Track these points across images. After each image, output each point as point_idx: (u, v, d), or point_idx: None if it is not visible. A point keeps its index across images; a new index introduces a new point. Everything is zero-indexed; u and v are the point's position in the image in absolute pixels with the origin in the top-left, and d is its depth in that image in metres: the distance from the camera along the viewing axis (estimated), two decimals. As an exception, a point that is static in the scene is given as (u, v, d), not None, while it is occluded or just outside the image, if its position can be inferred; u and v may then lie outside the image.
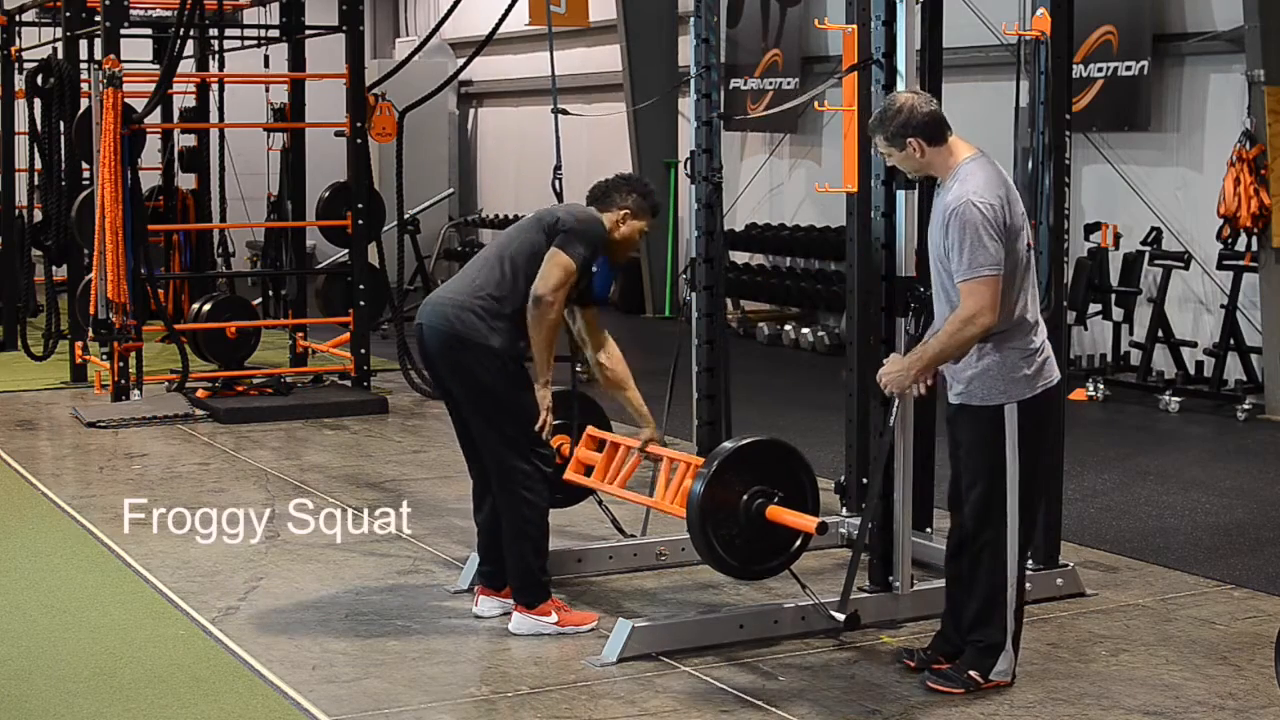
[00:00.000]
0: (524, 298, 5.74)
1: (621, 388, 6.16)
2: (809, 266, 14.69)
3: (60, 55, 12.53)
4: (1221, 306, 10.65)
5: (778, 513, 5.62)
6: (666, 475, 6.06)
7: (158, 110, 12.03)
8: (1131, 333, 11.30)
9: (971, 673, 5.27)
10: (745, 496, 5.63)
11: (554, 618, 5.85)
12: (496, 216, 19.54)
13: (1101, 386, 11.04)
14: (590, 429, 6.45)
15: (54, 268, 12.80)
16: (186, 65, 13.28)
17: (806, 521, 5.60)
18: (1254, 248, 10.43)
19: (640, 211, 6.03)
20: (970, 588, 5.35)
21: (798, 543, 5.72)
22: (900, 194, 5.83)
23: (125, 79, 10.67)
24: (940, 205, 5.22)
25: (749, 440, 5.78)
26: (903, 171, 5.45)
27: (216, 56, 13.57)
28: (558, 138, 7.25)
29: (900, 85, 5.80)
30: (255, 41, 13.17)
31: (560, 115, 7.05)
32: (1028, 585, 6.10)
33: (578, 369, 11.90)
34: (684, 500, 5.69)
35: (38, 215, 13.45)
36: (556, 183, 7.17)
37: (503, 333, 5.75)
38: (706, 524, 5.58)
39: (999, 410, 5.20)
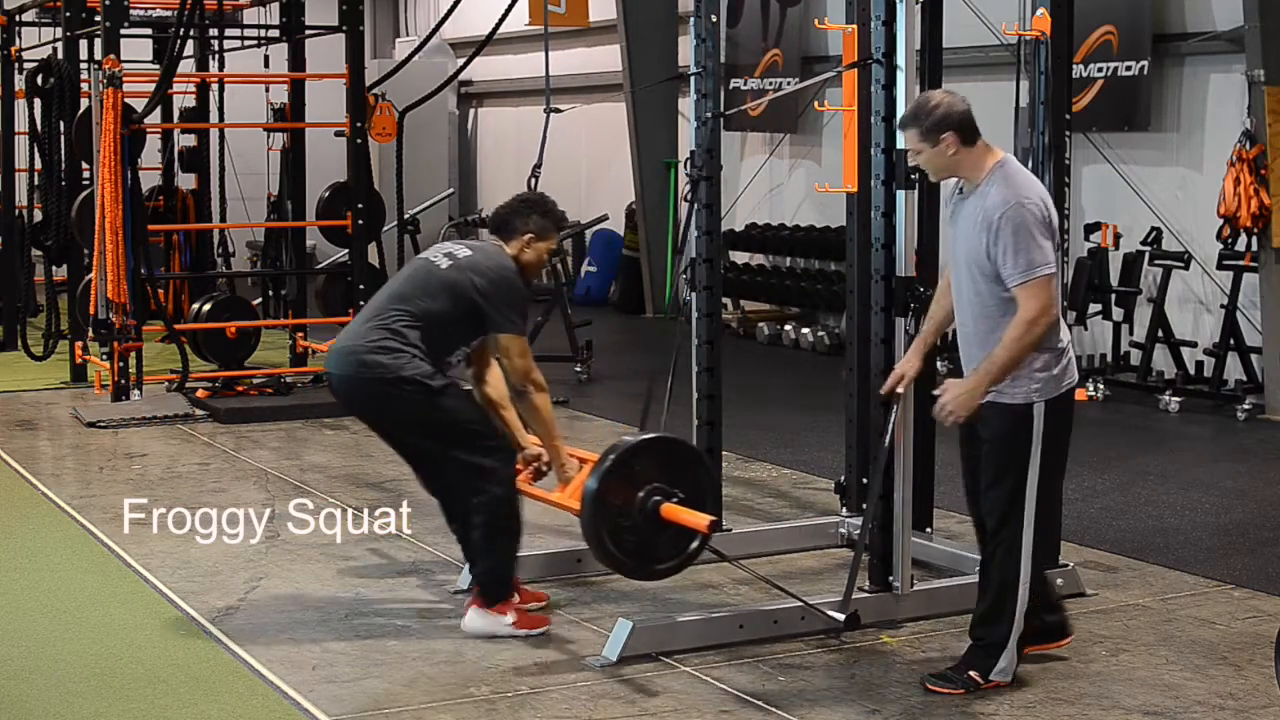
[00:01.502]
0: (437, 329, 5.74)
1: (498, 408, 6.11)
2: (809, 266, 14.69)
3: (60, 55, 12.53)
4: (1221, 306, 10.65)
5: (672, 511, 5.51)
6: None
7: (158, 110, 12.04)
8: (1131, 333, 11.29)
9: (971, 673, 5.26)
10: (641, 494, 5.52)
11: (511, 618, 5.80)
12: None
13: (1101, 386, 11.04)
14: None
15: (54, 268, 12.79)
16: (186, 65, 13.28)
17: (699, 520, 5.49)
18: (1254, 248, 10.43)
19: (544, 232, 6.01)
20: (982, 584, 5.36)
21: (694, 544, 5.60)
22: (900, 194, 5.83)
23: (125, 79, 10.66)
24: (979, 208, 5.16)
25: (648, 437, 5.72)
26: (925, 171, 5.37)
27: (216, 56, 13.57)
28: (545, 137, 7.26)
29: (900, 85, 5.80)
30: (255, 41, 13.17)
31: (561, 116, 7.05)
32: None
33: (577, 369, 11.97)
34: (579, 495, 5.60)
35: (38, 215, 13.45)
36: (533, 180, 7.16)
37: (411, 360, 5.70)
38: (599, 520, 5.49)
39: (1028, 408, 5.19)
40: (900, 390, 5.60)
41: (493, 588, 5.84)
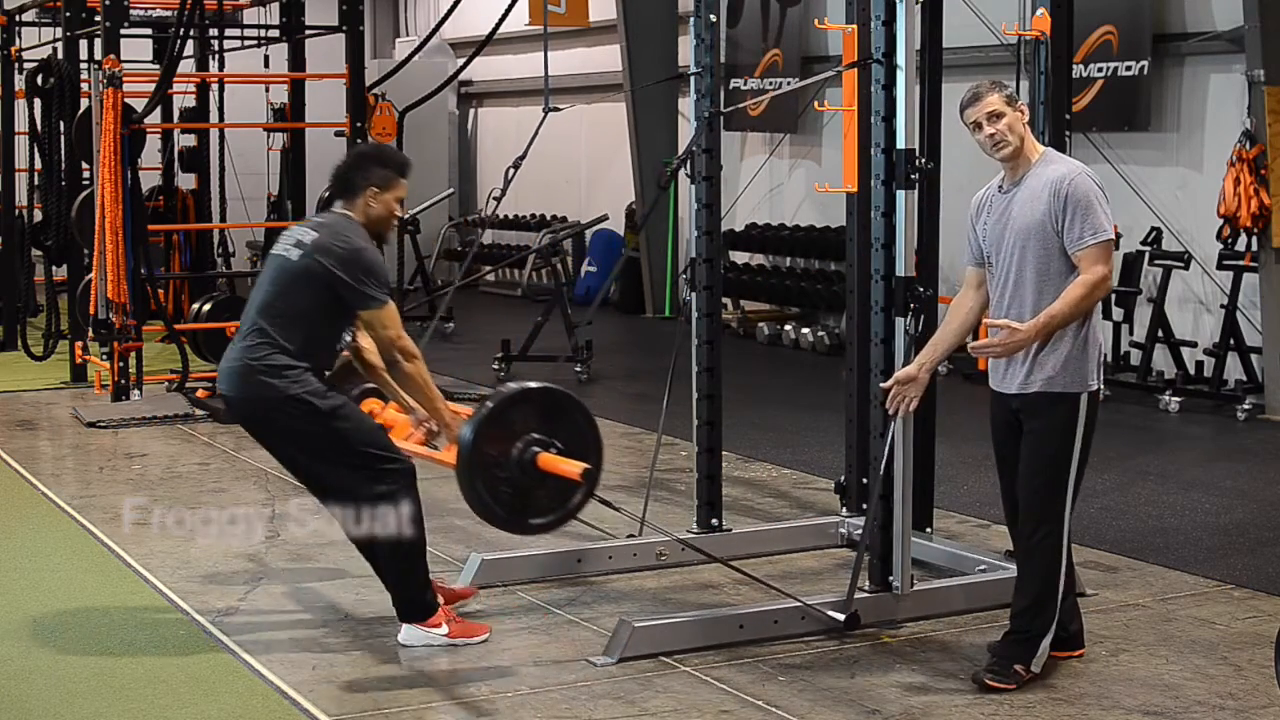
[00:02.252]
0: (311, 327, 5.57)
1: (378, 372, 5.89)
2: (809, 266, 14.69)
3: (60, 55, 12.54)
4: (1221, 306, 10.65)
5: (549, 461, 5.41)
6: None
7: (158, 110, 12.04)
8: (1131, 333, 11.30)
9: (1018, 666, 5.31)
10: (519, 444, 5.41)
11: (445, 629, 5.71)
12: (496, 216, 19.55)
13: (1101, 386, 11.02)
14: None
15: (54, 268, 12.81)
16: (186, 65, 13.29)
17: (573, 468, 5.39)
18: (1254, 248, 10.43)
19: (386, 181, 5.72)
20: (1022, 576, 5.41)
21: (577, 497, 5.49)
22: (900, 194, 5.82)
23: (125, 79, 10.67)
24: (1039, 183, 5.26)
25: (526, 386, 5.60)
26: (995, 146, 5.32)
27: (216, 56, 13.58)
28: (536, 132, 7.26)
29: (900, 85, 5.80)
30: (255, 41, 13.18)
31: (561, 116, 7.05)
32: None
33: (577, 369, 11.97)
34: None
35: (38, 215, 13.46)
36: (511, 171, 7.16)
37: (298, 376, 5.54)
38: (474, 470, 5.38)
39: (1076, 399, 5.30)
40: (904, 404, 5.57)
41: (411, 608, 5.73)
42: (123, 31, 11.03)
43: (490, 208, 19.91)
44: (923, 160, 5.88)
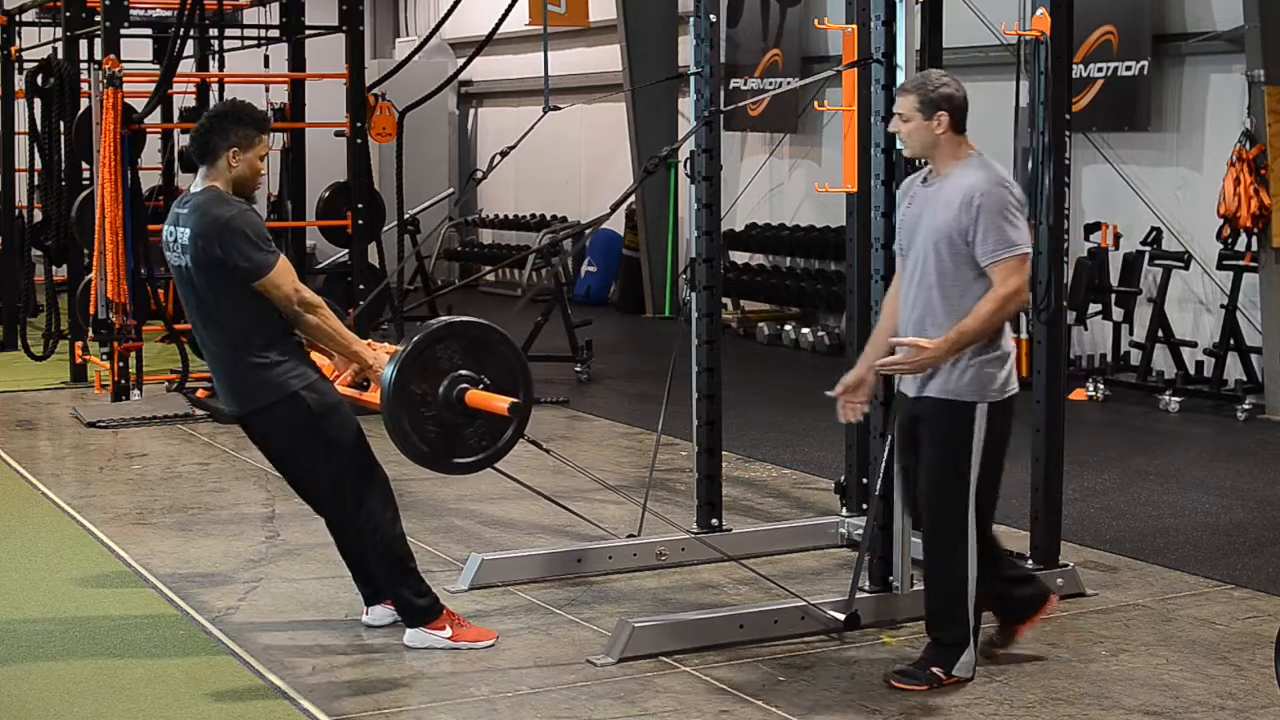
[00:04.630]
0: (268, 322, 5.47)
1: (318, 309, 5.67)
2: (809, 266, 14.69)
3: (60, 55, 12.54)
4: (1221, 306, 10.65)
5: (476, 398, 5.35)
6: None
7: (158, 110, 12.04)
8: (1131, 333, 11.30)
9: (935, 669, 5.26)
10: (445, 382, 5.36)
11: (448, 632, 5.69)
12: (496, 216, 19.54)
13: (1101, 386, 11.04)
14: None
15: (54, 268, 12.80)
16: (186, 65, 13.28)
17: (499, 404, 5.33)
18: (1254, 248, 10.43)
19: (247, 139, 5.52)
20: (929, 582, 5.36)
21: (508, 433, 5.44)
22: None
23: (125, 79, 10.67)
24: (955, 189, 5.17)
25: (450, 320, 5.54)
26: (902, 141, 5.31)
27: (216, 56, 13.58)
28: (530, 129, 7.26)
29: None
30: (255, 41, 13.18)
31: (561, 116, 7.05)
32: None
33: (577, 369, 11.97)
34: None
35: (38, 215, 13.46)
36: (498, 156, 7.18)
37: (292, 369, 5.50)
38: (399, 408, 5.32)
39: (972, 407, 5.19)
40: (855, 410, 5.52)
41: (412, 614, 5.72)
42: (123, 31, 11.03)
43: (490, 209, 19.94)
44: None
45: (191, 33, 11.96)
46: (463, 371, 5.41)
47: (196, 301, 5.57)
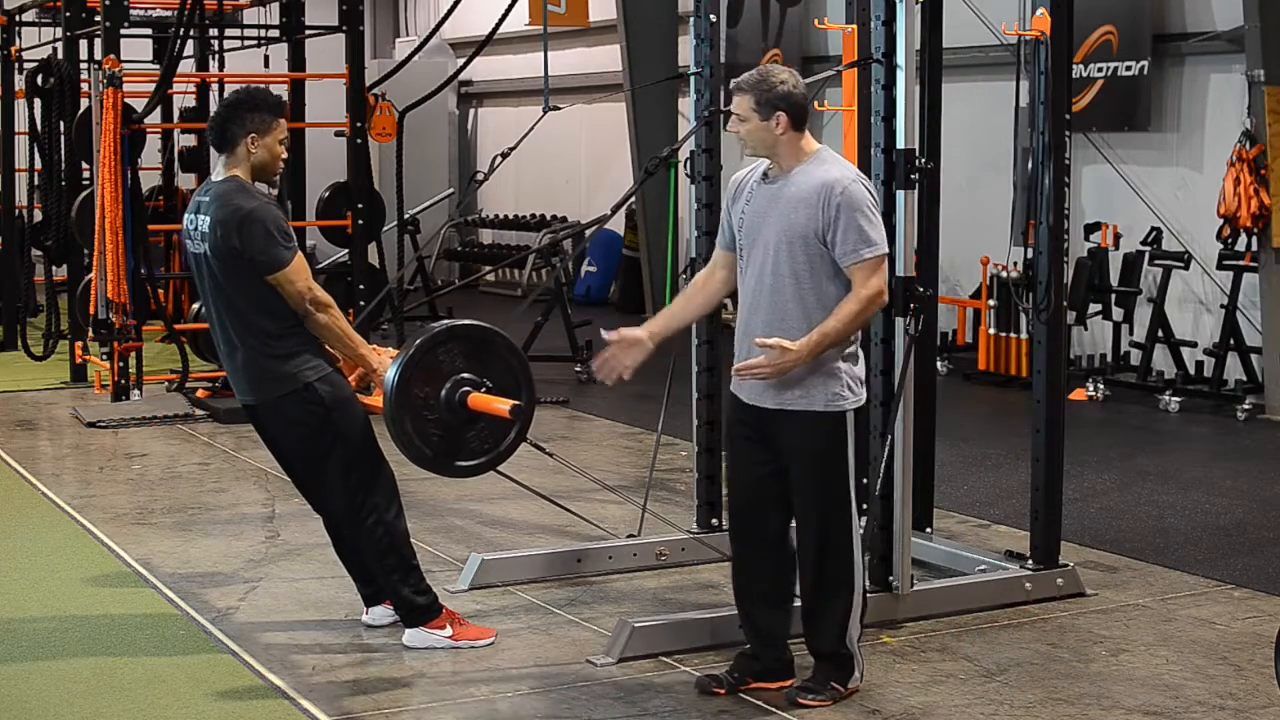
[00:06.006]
0: (284, 313, 5.46)
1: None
2: (809, 266, 14.66)
3: (60, 55, 12.54)
4: (1221, 306, 10.65)
5: (478, 400, 5.36)
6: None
7: (158, 110, 12.04)
8: (1131, 333, 11.30)
9: (834, 684, 5.16)
10: (448, 385, 5.38)
11: (448, 631, 5.69)
12: (497, 216, 19.54)
13: (1101, 386, 11.04)
14: None
15: (54, 268, 12.80)
16: (186, 65, 13.28)
17: (501, 406, 5.33)
18: (1254, 248, 10.43)
19: (264, 125, 5.55)
20: (824, 602, 5.16)
21: (510, 436, 5.45)
22: (900, 194, 5.83)
23: (125, 79, 10.67)
24: (805, 185, 5.01)
25: (451, 323, 5.54)
26: (743, 141, 5.17)
27: (216, 56, 13.57)
28: (530, 129, 7.27)
29: (900, 85, 5.80)
30: (255, 41, 13.17)
31: (561, 116, 7.05)
32: (1027, 586, 6.19)
33: (577, 369, 11.97)
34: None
35: (38, 215, 13.46)
36: (499, 158, 7.18)
37: (307, 361, 5.50)
38: (402, 411, 5.33)
39: (841, 417, 5.04)
40: (615, 369, 5.17)
41: (411, 615, 5.71)
42: (123, 31, 11.02)
43: (490, 209, 19.94)
44: (923, 160, 5.88)
45: (191, 33, 11.96)
46: (465, 374, 5.43)
47: (214, 291, 5.57)
